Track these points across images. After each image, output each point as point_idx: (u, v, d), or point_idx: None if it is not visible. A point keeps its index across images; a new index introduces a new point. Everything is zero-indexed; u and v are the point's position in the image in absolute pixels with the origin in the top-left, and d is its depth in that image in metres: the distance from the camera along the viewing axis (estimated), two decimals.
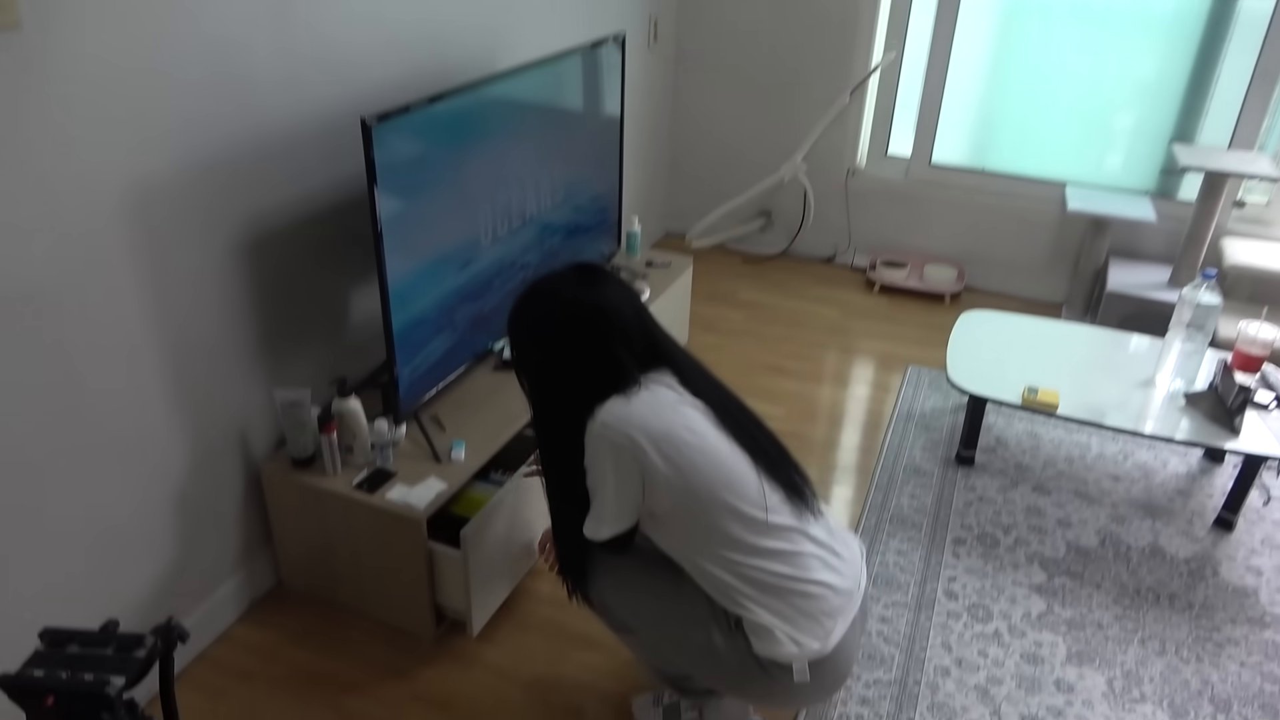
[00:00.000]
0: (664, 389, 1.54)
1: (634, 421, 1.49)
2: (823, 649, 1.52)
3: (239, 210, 1.87)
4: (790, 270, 4.03)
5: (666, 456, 1.48)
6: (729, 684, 1.61)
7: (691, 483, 1.48)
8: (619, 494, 1.52)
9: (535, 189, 2.42)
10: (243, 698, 1.91)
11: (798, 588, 1.52)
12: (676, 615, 1.60)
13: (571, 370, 1.55)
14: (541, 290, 1.58)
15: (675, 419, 1.51)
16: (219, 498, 1.99)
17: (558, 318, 1.55)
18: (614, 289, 1.57)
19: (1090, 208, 3.39)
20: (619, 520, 1.55)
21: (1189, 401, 2.47)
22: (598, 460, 1.52)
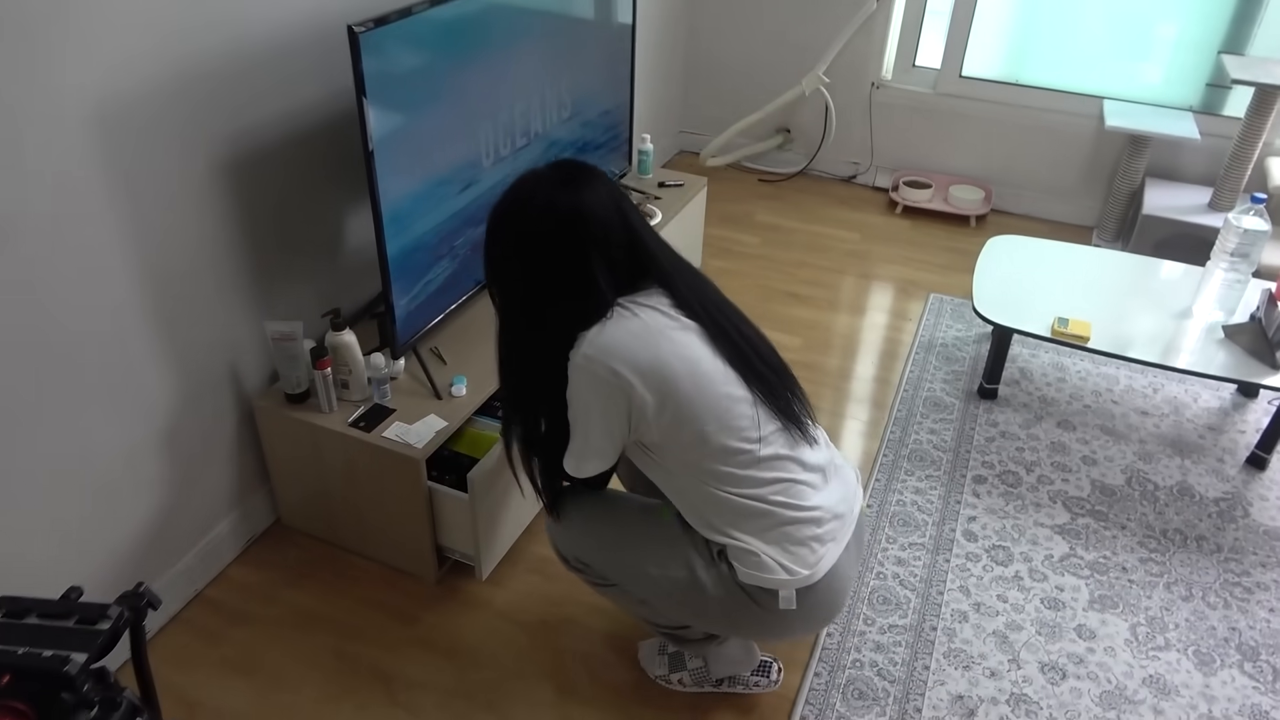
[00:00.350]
0: (653, 312, 1.42)
1: (620, 353, 1.38)
2: (812, 576, 1.47)
3: (221, 127, 1.74)
4: (809, 190, 3.86)
5: (655, 390, 1.39)
6: (717, 618, 1.56)
7: (681, 418, 1.41)
8: (604, 431, 1.44)
9: (541, 104, 2.26)
10: (240, 641, 1.86)
11: (787, 514, 1.47)
12: (654, 557, 1.56)
13: (543, 287, 1.42)
14: (515, 191, 1.43)
15: (665, 348, 1.40)
16: (211, 435, 1.92)
17: (528, 224, 1.40)
18: (596, 190, 1.41)
19: (1129, 124, 3.19)
20: (603, 458, 1.47)
21: (1228, 334, 2.34)
22: (580, 394, 1.42)
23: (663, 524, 1.58)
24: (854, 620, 1.93)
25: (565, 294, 1.41)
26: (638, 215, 1.47)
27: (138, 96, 1.56)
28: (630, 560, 1.59)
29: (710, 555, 1.51)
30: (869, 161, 3.88)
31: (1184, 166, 3.40)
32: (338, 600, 1.96)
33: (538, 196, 1.40)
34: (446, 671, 1.82)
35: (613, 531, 1.62)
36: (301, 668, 1.82)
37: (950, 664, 1.85)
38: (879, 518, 2.20)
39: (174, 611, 1.92)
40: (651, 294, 1.45)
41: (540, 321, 1.44)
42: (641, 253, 1.46)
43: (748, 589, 1.48)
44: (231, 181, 1.79)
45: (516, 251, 1.43)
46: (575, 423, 1.45)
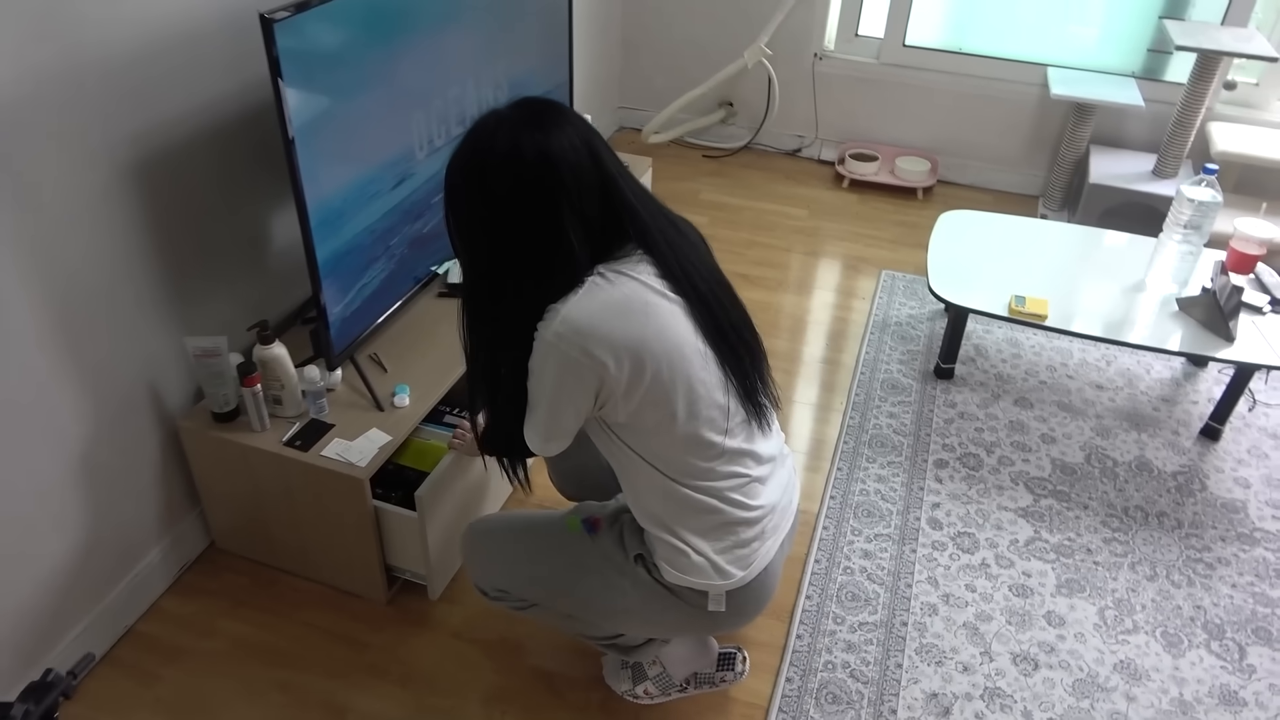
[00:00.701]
0: (634, 283, 1.27)
1: (594, 331, 1.24)
2: (745, 578, 1.42)
3: (124, 125, 1.58)
4: (754, 165, 3.77)
5: (630, 372, 1.26)
6: (643, 621, 1.52)
7: (652, 402, 1.30)
8: (574, 411, 1.31)
9: (476, 88, 2.13)
10: (177, 680, 1.74)
11: (737, 514, 1.40)
12: (567, 570, 1.51)
13: (509, 250, 1.26)
14: (474, 136, 1.25)
15: (645, 327, 1.26)
16: (133, 461, 1.77)
17: (490, 174, 1.23)
18: (565, 130, 1.24)
19: (1074, 92, 3.16)
20: (563, 437, 1.36)
21: (1182, 307, 2.33)
22: (548, 374, 1.28)
23: (571, 536, 1.52)
24: (823, 620, 1.88)
25: (533, 257, 1.25)
26: (615, 160, 1.30)
27: (24, 93, 1.40)
28: (545, 577, 1.53)
29: (625, 558, 1.46)
30: (814, 134, 3.81)
31: (1128, 133, 3.39)
32: (281, 627, 1.84)
33: (499, 140, 1.22)
34: (402, 700, 1.72)
35: (522, 551, 1.56)
36: (244, 705, 1.70)
37: (923, 660, 1.81)
38: (843, 509, 2.15)
39: (103, 651, 1.78)
40: (631, 259, 1.30)
41: (503, 291, 1.28)
42: (620, 205, 1.28)
43: (674, 589, 1.43)
44: (140, 184, 1.64)
45: (479, 208, 1.26)
46: (540, 400, 1.32)
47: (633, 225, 1.30)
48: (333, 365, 1.83)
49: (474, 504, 1.96)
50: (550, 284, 1.26)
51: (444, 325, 2.09)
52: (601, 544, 1.48)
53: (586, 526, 1.51)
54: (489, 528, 1.61)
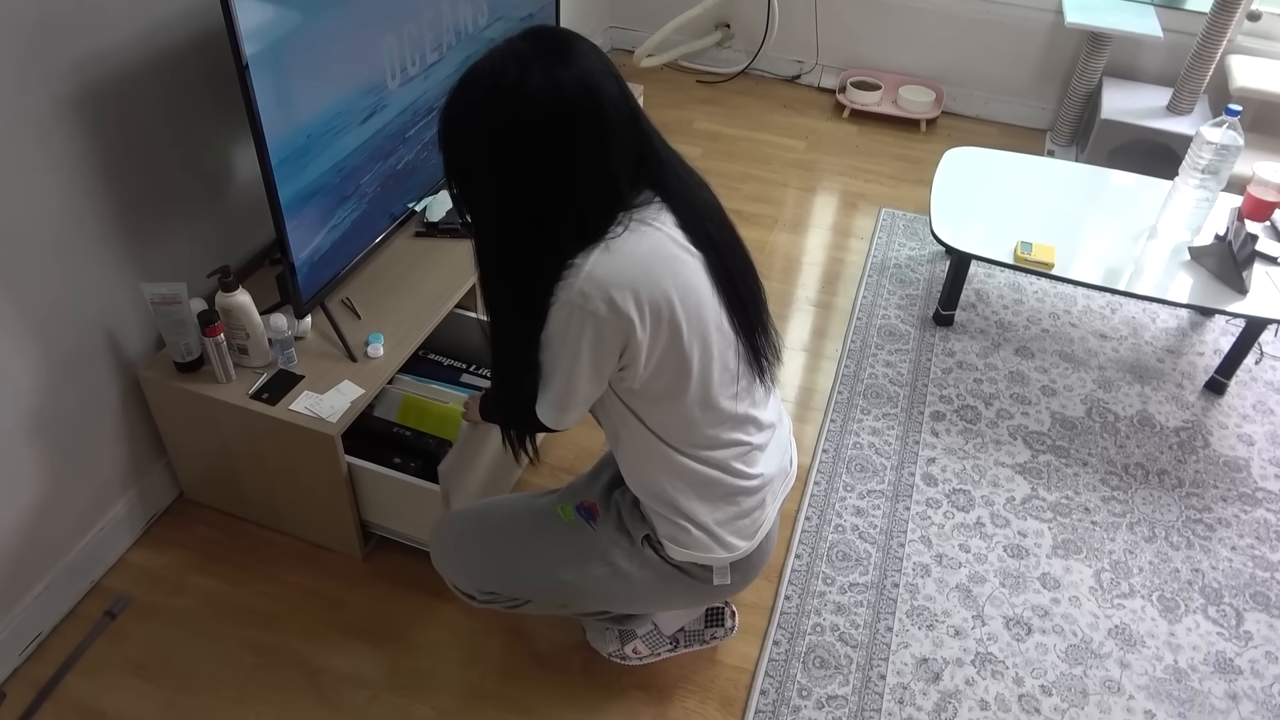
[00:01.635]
0: (656, 233, 1.17)
1: (622, 287, 1.13)
2: (748, 548, 1.38)
3: (61, 54, 1.43)
4: (751, 92, 3.60)
5: (654, 331, 1.17)
6: (648, 599, 1.46)
7: (669, 365, 1.21)
8: (594, 376, 1.21)
9: (452, 8, 1.96)
10: (146, 639, 1.68)
11: (738, 484, 1.34)
12: (566, 563, 1.42)
13: (545, 193, 1.12)
14: (489, 75, 1.09)
15: (671, 284, 1.17)
16: (92, 412, 1.68)
17: (522, 113, 1.07)
18: (594, 61, 1.11)
19: (1091, 21, 2.99)
20: (580, 406, 1.26)
21: (1194, 256, 2.23)
22: (570, 335, 1.17)
23: (565, 525, 1.43)
24: (813, 580, 1.83)
25: (574, 205, 1.12)
26: (632, 94, 1.17)
27: None
28: (539, 573, 1.44)
29: (631, 543, 1.38)
30: (814, 60, 3.63)
31: (1143, 65, 3.23)
32: (253, 584, 1.78)
33: (531, 76, 1.06)
34: (379, 661, 1.67)
35: (511, 550, 1.46)
36: (215, 664, 1.65)
37: (913, 623, 1.76)
38: (835, 463, 2.08)
39: (69, 607, 1.71)
40: (653, 207, 1.19)
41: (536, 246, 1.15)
42: (645, 146, 1.17)
43: (681, 565, 1.37)
44: (84, 117, 1.50)
45: (506, 156, 1.10)
46: (558, 368, 1.21)
47: (655, 169, 1.19)
48: (300, 313, 1.73)
49: (499, 475, 1.89)
50: (585, 233, 1.14)
51: (420, 267, 1.97)
52: (604, 531, 1.40)
53: (583, 514, 1.42)
54: (468, 528, 1.51)
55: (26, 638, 1.64)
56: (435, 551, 1.54)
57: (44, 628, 1.67)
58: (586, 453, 2.07)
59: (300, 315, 1.74)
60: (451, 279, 1.95)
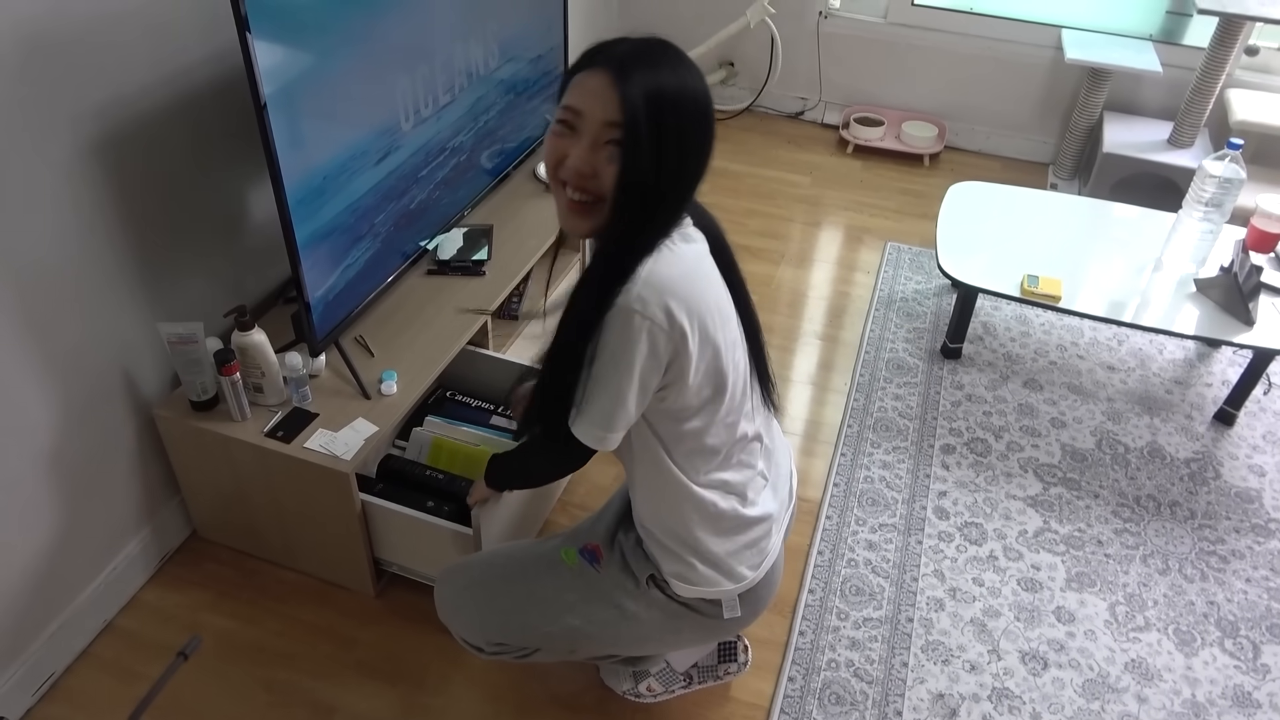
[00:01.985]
0: (696, 248, 1.22)
1: (679, 294, 1.14)
2: (755, 578, 1.37)
3: (85, 99, 1.47)
4: (755, 129, 3.65)
5: (703, 347, 1.19)
6: (658, 640, 1.45)
7: (711, 381, 1.23)
8: (640, 391, 1.18)
9: (465, 52, 2.01)
10: (157, 677, 1.67)
11: (746, 514, 1.35)
12: (572, 608, 1.40)
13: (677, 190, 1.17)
14: (685, 58, 1.16)
15: (713, 299, 1.21)
16: (108, 450, 1.69)
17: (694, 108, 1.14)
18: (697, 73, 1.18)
19: (1090, 57, 3.04)
20: (624, 426, 1.22)
21: (1200, 288, 2.25)
22: (625, 346, 1.14)
23: (569, 569, 1.42)
24: (827, 615, 1.82)
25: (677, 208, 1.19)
26: None
27: None
28: (546, 619, 1.42)
29: (636, 584, 1.38)
30: (817, 96, 3.68)
31: (1143, 100, 3.27)
32: (265, 622, 1.78)
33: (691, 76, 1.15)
34: (391, 700, 1.66)
35: (516, 600, 1.44)
36: (228, 704, 1.64)
37: (929, 658, 1.75)
38: (846, 497, 2.08)
39: (81, 647, 1.71)
40: (685, 226, 1.22)
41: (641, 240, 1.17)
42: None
43: (688, 602, 1.37)
44: (106, 160, 1.53)
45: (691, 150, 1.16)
46: (609, 381, 1.17)
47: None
48: (315, 351, 1.74)
49: (529, 514, 1.90)
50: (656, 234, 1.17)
51: (432, 305, 1.99)
52: (608, 573, 1.40)
53: (586, 557, 1.42)
54: (472, 580, 1.49)
55: (40, 677, 1.64)
56: (441, 606, 1.50)
57: (57, 668, 1.67)
58: (602, 490, 2.07)
59: (315, 353, 1.75)
60: (464, 316, 1.97)
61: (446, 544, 1.67)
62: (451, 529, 1.65)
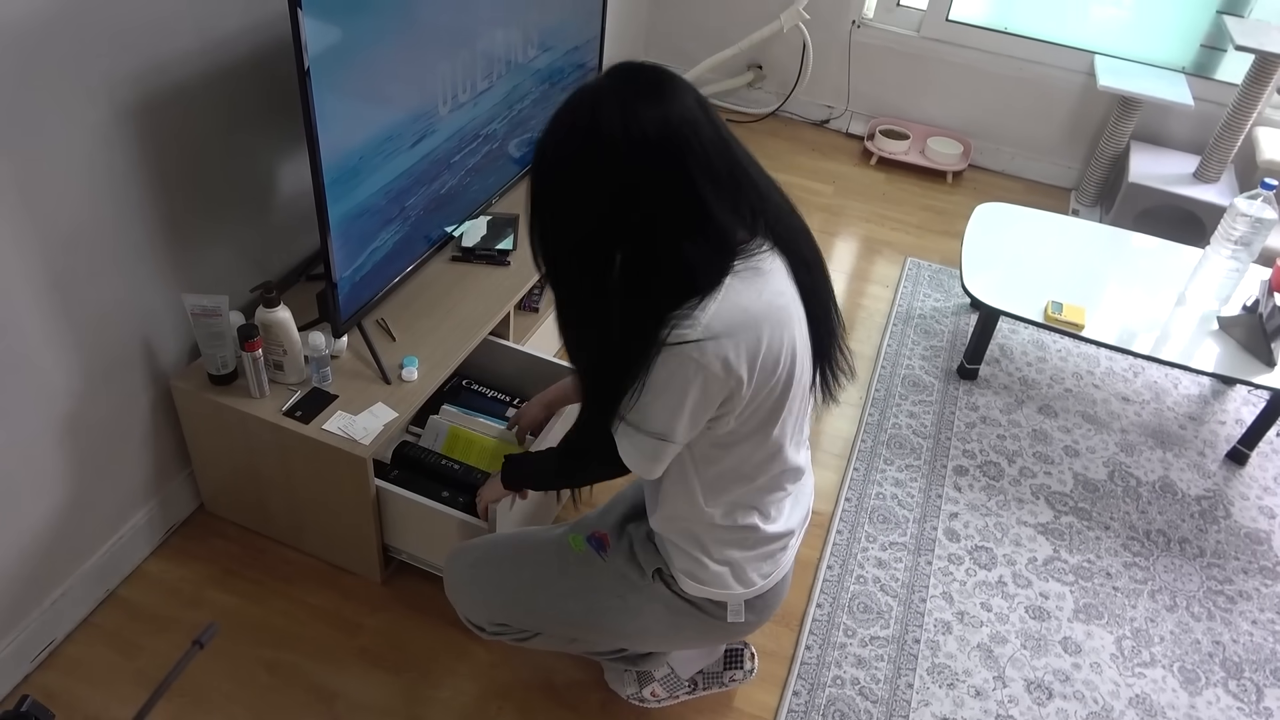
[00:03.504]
0: (770, 282, 1.13)
1: (742, 340, 1.09)
2: (764, 586, 1.36)
3: (125, 63, 1.44)
4: (780, 134, 3.63)
5: (759, 389, 1.15)
6: (660, 636, 1.43)
7: (765, 413, 1.20)
8: (691, 427, 1.17)
9: (505, 40, 1.98)
10: (159, 652, 1.66)
11: (768, 530, 1.33)
12: (576, 594, 1.41)
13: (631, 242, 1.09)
14: (579, 113, 1.07)
15: (784, 335, 1.14)
16: (123, 419, 1.66)
17: (608, 155, 1.05)
18: (686, 98, 1.08)
19: (1123, 85, 3.03)
20: (669, 458, 1.22)
21: (1223, 326, 2.24)
22: (676, 385, 1.11)
23: (575, 555, 1.42)
24: (834, 631, 1.81)
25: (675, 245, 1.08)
26: (729, 129, 1.13)
27: (18, 28, 1.26)
28: (547, 603, 1.43)
29: (641, 575, 1.37)
30: (844, 105, 3.66)
31: (1171, 131, 3.26)
32: (270, 602, 1.76)
33: (606, 117, 1.04)
34: (395, 690, 1.64)
35: (524, 581, 1.45)
36: (229, 684, 1.63)
37: (934, 681, 1.75)
38: (858, 513, 2.07)
39: (84, 615, 1.69)
40: (763, 253, 1.14)
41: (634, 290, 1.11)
42: (748, 184, 1.12)
43: (694, 600, 1.36)
44: (140, 128, 1.50)
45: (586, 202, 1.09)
46: (658, 417, 1.15)
47: (755, 199, 1.14)
48: (339, 332, 1.72)
49: (543, 513, 1.89)
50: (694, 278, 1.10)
51: (456, 292, 1.97)
52: (614, 563, 1.39)
53: (594, 545, 1.42)
54: (479, 558, 1.50)
55: (39, 644, 1.62)
56: (448, 580, 1.53)
57: (57, 635, 1.65)
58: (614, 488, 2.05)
59: (338, 334, 1.73)
60: (487, 305, 1.95)
61: (459, 535, 1.65)
62: (466, 520, 1.63)
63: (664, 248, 1.09)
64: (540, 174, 1.12)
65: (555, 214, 1.13)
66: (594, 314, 1.17)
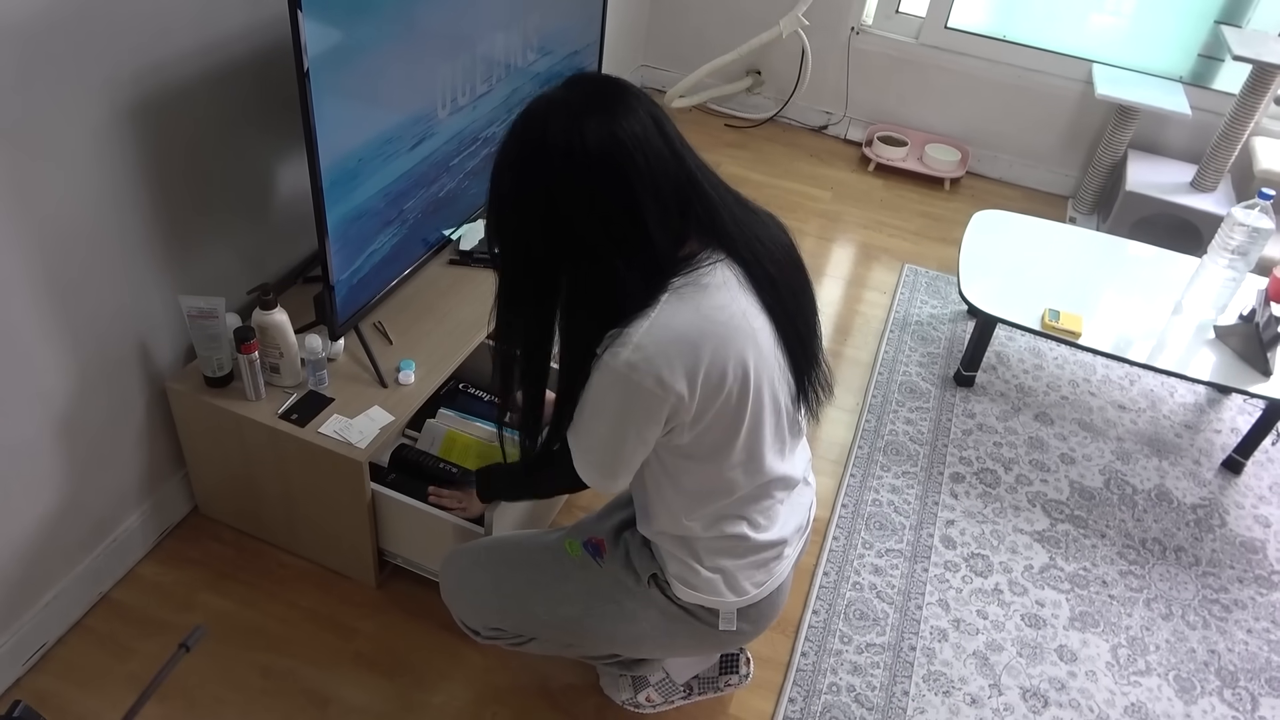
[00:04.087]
0: (713, 295, 1.12)
1: (672, 358, 1.09)
2: (758, 596, 1.36)
3: (124, 63, 1.44)
4: (778, 140, 3.63)
5: (704, 401, 1.13)
6: (654, 643, 1.42)
7: (721, 429, 1.19)
8: (639, 442, 1.18)
9: (504, 43, 1.98)
10: (151, 655, 1.65)
11: (759, 539, 1.32)
12: (571, 599, 1.40)
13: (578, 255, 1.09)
14: (526, 124, 1.08)
15: (728, 349, 1.12)
16: (117, 421, 1.66)
17: (548, 167, 1.06)
18: (638, 111, 1.07)
19: (1121, 94, 3.04)
20: (627, 472, 1.24)
21: (1219, 335, 2.25)
22: (609, 403, 1.14)
23: (571, 560, 1.42)
24: (830, 638, 1.81)
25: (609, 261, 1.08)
26: (685, 142, 1.12)
27: (19, 28, 1.26)
28: (542, 608, 1.42)
29: (637, 581, 1.37)
30: (842, 111, 3.66)
31: (1168, 140, 3.27)
32: (264, 605, 1.75)
33: (553, 127, 1.05)
34: (389, 694, 1.64)
35: (517, 585, 1.45)
36: (222, 687, 1.62)
37: (930, 689, 1.74)
38: (854, 519, 2.07)
39: (76, 618, 1.68)
40: (714, 265, 1.13)
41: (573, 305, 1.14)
42: (697, 198, 1.12)
43: (687, 607, 1.36)
44: (138, 127, 1.50)
45: (530, 210, 1.10)
46: (600, 434, 1.18)
47: (702, 212, 1.14)
48: (335, 335, 1.72)
49: (538, 519, 1.88)
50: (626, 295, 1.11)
51: (453, 295, 1.97)
52: (609, 568, 1.39)
53: (590, 550, 1.41)
54: (475, 561, 1.50)
55: (31, 648, 1.61)
56: (444, 583, 1.53)
57: (49, 638, 1.64)
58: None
59: (335, 337, 1.73)
60: (484, 308, 1.94)
61: (455, 540, 1.65)
62: (462, 525, 1.63)
63: (600, 266, 1.09)
64: (492, 177, 1.13)
65: (503, 218, 1.14)
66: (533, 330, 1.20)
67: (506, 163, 1.11)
